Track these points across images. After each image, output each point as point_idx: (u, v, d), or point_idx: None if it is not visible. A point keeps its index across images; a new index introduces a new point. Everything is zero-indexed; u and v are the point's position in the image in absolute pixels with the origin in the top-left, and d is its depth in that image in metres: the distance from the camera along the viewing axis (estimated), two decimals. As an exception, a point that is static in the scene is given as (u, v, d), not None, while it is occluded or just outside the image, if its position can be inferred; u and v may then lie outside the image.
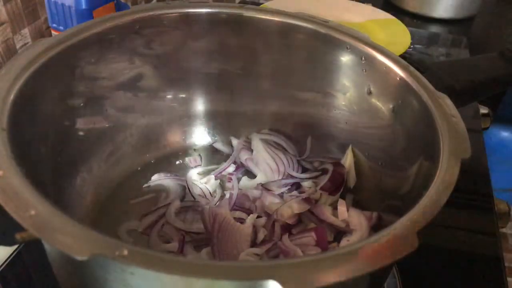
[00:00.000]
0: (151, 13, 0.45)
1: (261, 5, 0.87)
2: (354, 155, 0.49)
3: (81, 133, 0.44)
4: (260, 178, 0.52)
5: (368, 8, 0.95)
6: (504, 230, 1.42)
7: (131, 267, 0.23)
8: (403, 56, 0.79)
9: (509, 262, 1.32)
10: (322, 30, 0.46)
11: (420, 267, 0.48)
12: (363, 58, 0.44)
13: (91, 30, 0.41)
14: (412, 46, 0.87)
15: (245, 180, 0.52)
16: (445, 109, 0.36)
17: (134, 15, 0.44)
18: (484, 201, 0.58)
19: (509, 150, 1.16)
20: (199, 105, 0.54)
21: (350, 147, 0.49)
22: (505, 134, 1.18)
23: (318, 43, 0.47)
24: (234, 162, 0.54)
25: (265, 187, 0.50)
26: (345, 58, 0.46)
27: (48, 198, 0.26)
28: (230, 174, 0.52)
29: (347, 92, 0.47)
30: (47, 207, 0.25)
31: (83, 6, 0.57)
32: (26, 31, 0.66)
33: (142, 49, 0.47)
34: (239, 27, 0.48)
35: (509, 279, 0.51)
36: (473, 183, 0.60)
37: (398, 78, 0.41)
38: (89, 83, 0.43)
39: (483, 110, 0.75)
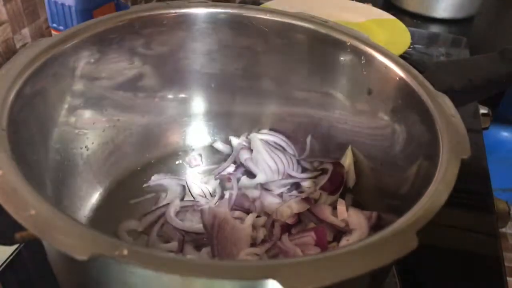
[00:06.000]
0: (151, 13, 0.45)
1: (261, 5, 0.87)
2: (354, 155, 0.49)
3: (80, 133, 0.44)
4: (259, 178, 0.52)
5: (368, 8, 0.95)
6: (504, 230, 1.42)
7: (130, 267, 0.23)
8: (403, 56, 0.79)
9: (509, 262, 1.32)
10: (322, 30, 0.46)
11: (420, 267, 0.48)
12: (363, 58, 0.44)
13: (91, 30, 0.41)
14: (412, 46, 0.87)
15: (244, 180, 0.52)
16: (444, 109, 0.36)
17: (134, 15, 0.44)
18: (484, 201, 0.58)
19: (509, 150, 1.16)
20: (199, 105, 0.54)
21: (349, 147, 0.49)
22: (505, 134, 1.18)
23: (318, 43, 0.47)
24: (234, 162, 0.54)
25: (264, 187, 0.50)
26: (345, 58, 0.46)
27: (48, 198, 0.26)
28: (230, 174, 0.52)
29: (347, 92, 0.47)
30: (47, 207, 0.25)
31: (83, 6, 0.57)
32: (26, 31, 0.66)
33: (142, 49, 0.47)
34: (239, 27, 0.48)
35: (509, 279, 0.51)
36: (473, 183, 0.60)
37: (397, 78, 0.41)
38: (89, 83, 0.43)
39: (483, 110, 0.75)
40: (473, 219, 0.55)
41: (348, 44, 0.45)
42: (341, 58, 0.46)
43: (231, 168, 0.53)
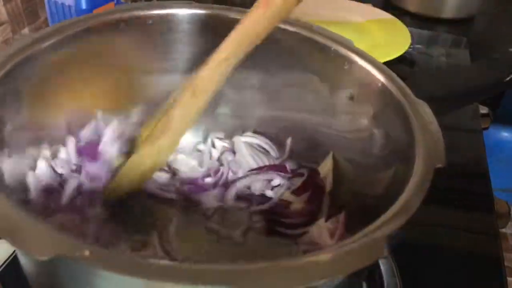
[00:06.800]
0: (135, 12, 0.45)
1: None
2: (334, 159, 0.48)
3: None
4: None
5: (368, 8, 0.95)
6: (504, 230, 1.42)
7: (93, 268, 0.23)
8: (403, 56, 0.79)
9: (509, 262, 1.32)
10: (307, 34, 0.45)
11: (420, 267, 0.48)
12: (346, 64, 0.43)
13: (72, 28, 0.41)
14: (412, 46, 0.87)
15: None
16: (423, 116, 0.36)
17: (118, 14, 0.44)
18: (484, 201, 0.58)
19: (509, 150, 1.16)
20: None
21: (331, 154, 0.48)
22: (505, 134, 1.18)
23: (302, 47, 0.46)
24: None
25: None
26: (329, 63, 0.45)
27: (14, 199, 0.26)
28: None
29: (330, 97, 0.46)
30: (11, 207, 0.25)
31: (83, 6, 0.57)
32: (26, 31, 0.66)
33: (126, 49, 0.46)
34: (223, 29, 0.47)
35: (509, 279, 0.51)
36: (473, 183, 0.60)
37: (379, 84, 0.40)
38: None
39: (483, 110, 0.75)
40: (473, 219, 0.55)
41: (332, 49, 0.44)
42: (325, 63, 0.45)
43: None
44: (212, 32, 0.48)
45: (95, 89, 0.46)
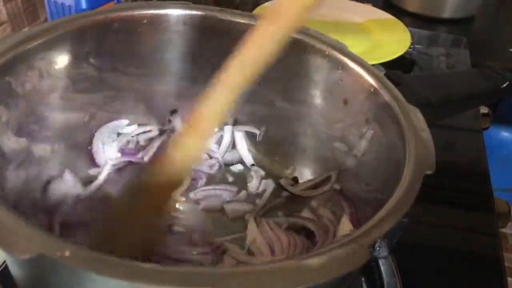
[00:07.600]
0: (130, 12, 0.45)
1: (261, 6, 0.87)
2: (326, 163, 0.48)
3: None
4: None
5: (368, 8, 0.95)
6: (504, 230, 1.42)
7: (73, 268, 0.23)
8: (403, 56, 0.79)
9: (509, 262, 1.32)
10: (302, 38, 0.45)
11: (420, 267, 0.48)
12: (340, 68, 0.43)
13: (66, 27, 0.41)
14: (412, 46, 0.87)
15: None
16: (415, 122, 0.36)
17: (113, 13, 0.44)
18: (484, 201, 0.58)
19: (509, 150, 1.16)
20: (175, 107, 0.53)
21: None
22: (505, 134, 1.18)
23: (297, 51, 0.45)
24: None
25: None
26: (323, 67, 0.45)
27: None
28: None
29: (324, 101, 0.46)
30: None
31: (83, 6, 0.57)
32: (26, 31, 0.66)
33: (120, 49, 0.46)
34: (217, 30, 0.47)
35: (509, 279, 0.51)
36: (473, 183, 0.60)
37: (372, 90, 0.40)
38: (59, 84, 0.43)
39: (483, 110, 0.75)
40: (473, 219, 0.55)
41: (327, 53, 0.44)
42: (319, 67, 0.45)
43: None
44: (206, 34, 0.48)
45: (89, 89, 0.46)
